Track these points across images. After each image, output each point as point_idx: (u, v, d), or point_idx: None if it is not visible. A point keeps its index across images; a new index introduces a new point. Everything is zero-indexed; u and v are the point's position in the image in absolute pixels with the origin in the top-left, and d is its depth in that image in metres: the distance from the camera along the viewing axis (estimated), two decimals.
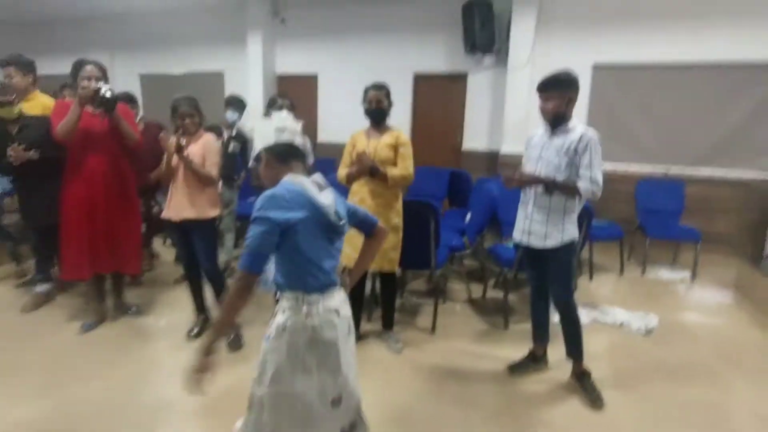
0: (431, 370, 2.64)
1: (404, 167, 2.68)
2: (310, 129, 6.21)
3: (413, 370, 2.64)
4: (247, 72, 6.70)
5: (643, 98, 5.15)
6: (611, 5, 5.10)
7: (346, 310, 1.56)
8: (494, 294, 3.74)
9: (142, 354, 2.79)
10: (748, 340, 3.10)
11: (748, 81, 4.75)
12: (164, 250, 4.65)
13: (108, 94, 2.63)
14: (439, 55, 5.96)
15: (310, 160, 2.96)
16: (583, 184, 2.17)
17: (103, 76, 2.79)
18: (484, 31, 5.37)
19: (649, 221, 4.47)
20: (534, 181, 2.28)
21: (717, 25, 4.75)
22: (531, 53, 5.29)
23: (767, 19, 4.57)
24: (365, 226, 1.72)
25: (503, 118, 5.53)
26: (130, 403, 2.31)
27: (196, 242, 2.82)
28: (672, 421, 2.25)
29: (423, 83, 6.13)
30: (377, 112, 2.73)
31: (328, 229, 1.49)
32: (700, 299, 3.85)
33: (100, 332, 3.03)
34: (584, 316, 3.09)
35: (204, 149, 2.76)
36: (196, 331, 2.98)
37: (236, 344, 2.84)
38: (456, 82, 5.97)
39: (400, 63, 6.07)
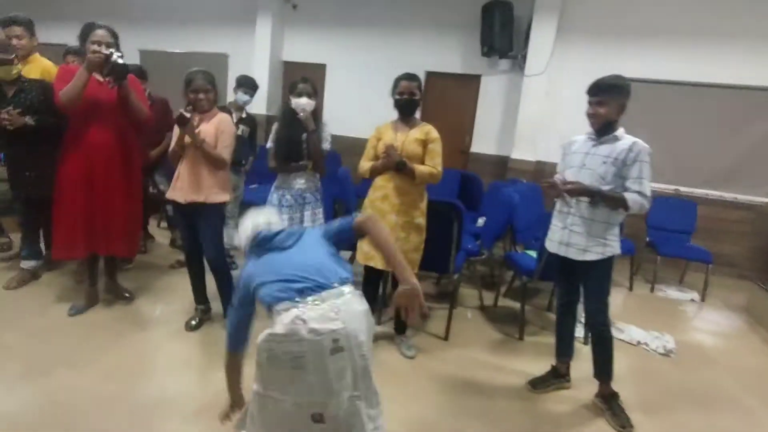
0: (449, 381, 2.49)
1: (434, 165, 2.52)
2: None
3: (430, 379, 2.49)
4: (252, 56, 6.48)
5: (657, 115, 5.08)
6: (631, 20, 5.04)
7: (329, 326, 1.29)
8: (504, 302, 3.61)
9: (136, 343, 2.58)
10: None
11: (764, 106, 4.72)
12: (158, 232, 4.42)
13: (120, 61, 2.43)
14: (453, 54, 5.83)
15: (327, 146, 2.81)
16: (632, 197, 2.04)
17: (115, 43, 2.58)
18: (503, 34, 5.25)
19: (660, 239, 4.40)
20: (583, 191, 2.11)
21: (736, 47, 4.71)
22: (549, 61, 5.18)
23: None
24: (347, 233, 1.55)
25: (515, 124, 5.42)
26: (124, 396, 2.11)
27: (201, 228, 2.62)
28: None
29: (434, 82, 5.99)
30: (408, 104, 2.56)
31: (270, 242, 1.51)
32: (712, 321, 3.78)
33: (91, 316, 2.81)
34: None
35: (218, 129, 2.57)
36: (194, 323, 2.78)
37: None
38: (469, 83, 5.85)
39: (413, 59, 5.89)
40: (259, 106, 6.09)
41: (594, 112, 2.13)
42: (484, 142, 5.88)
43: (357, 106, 6.00)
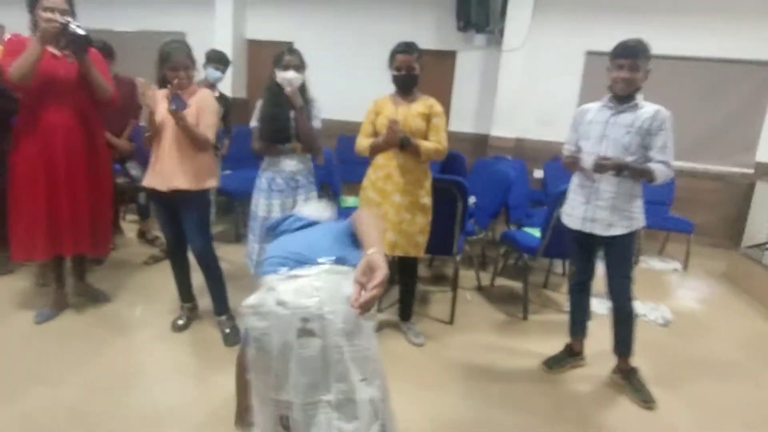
0: (462, 367, 2.38)
1: (439, 140, 2.37)
2: None
3: (443, 367, 2.37)
4: (213, 34, 6.04)
5: None
6: None
7: (302, 301, 1.08)
8: (499, 281, 3.54)
9: (118, 349, 2.31)
10: (761, 333, 3.09)
11: (735, 78, 4.84)
12: (125, 225, 4.05)
13: (80, 32, 2.11)
14: (428, 30, 5.63)
15: (317, 124, 2.59)
16: (658, 168, 1.97)
17: (71, 10, 2.25)
18: (479, 8, 5.10)
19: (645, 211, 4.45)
20: (616, 166, 1.98)
21: (710, 20, 4.79)
22: (527, 35, 5.10)
23: (760, 18, 4.65)
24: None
25: (493, 101, 5.33)
26: (113, 411, 1.87)
27: (186, 219, 2.36)
28: (730, 421, 2.11)
29: None
30: (407, 80, 2.38)
31: (279, 227, 1.48)
32: (697, 289, 3.86)
33: (61, 323, 2.51)
34: (599, 306, 2.97)
35: (199, 107, 2.30)
36: (182, 322, 2.53)
37: (233, 338, 2.44)
38: (444, 59, 5.69)
39: (386, 35, 5.67)
40: (223, 88, 5.70)
41: (628, 76, 2.00)
42: (461, 121, 5.76)
43: (327, 85, 5.66)
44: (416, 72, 2.39)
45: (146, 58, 3.38)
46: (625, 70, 2.00)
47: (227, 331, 2.45)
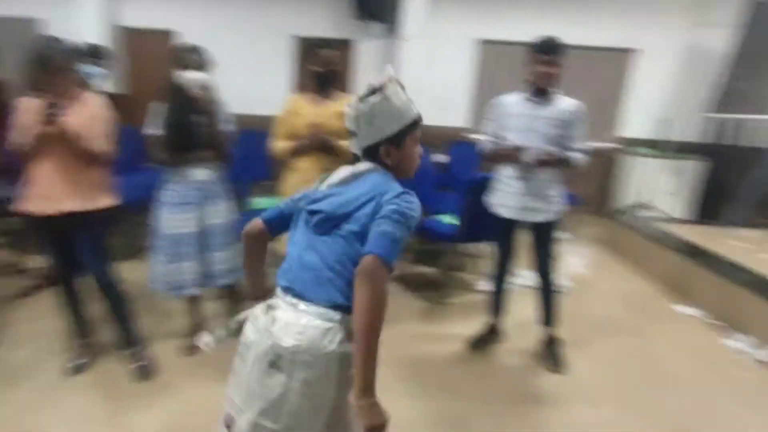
0: (400, 362, 2.41)
1: None
2: None
3: (381, 365, 2.36)
4: (78, 21, 5.27)
5: (521, 74, 5.56)
6: None
7: (283, 337, 1.10)
8: (412, 269, 3.66)
9: (5, 406, 1.95)
10: (640, 291, 3.57)
11: (604, 63, 5.51)
12: None
13: None
14: (322, 17, 5.52)
15: (231, 128, 2.40)
16: (579, 157, 2.18)
17: None
18: None
19: None
20: (557, 161, 2.13)
21: (576, 11, 5.37)
22: (424, 24, 5.22)
23: (618, 9, 5.33)
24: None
25: None
26: None
27: (81, 243, 2.06)
28: (636, 376, 2.42)
29: (303, 48, 5.62)
30: (331, 76, 2.31)
31: (310, 217, 1.23)
32: (585, 256, 4.36)
33: None
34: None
35: (89, 115, 1.99)
36: (80, 362, 2.21)
37: (145, 372, 2.19)
38: (341, 49, 5.62)
39: (276, 23, 5.47)
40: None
41: (551, 71, 2.15)
42: None
43: (216, 77, 5.36)
44: (339, 68, 2.33)
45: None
46: (548, 65, 2.15)
47: (136, 365, 2.19)
